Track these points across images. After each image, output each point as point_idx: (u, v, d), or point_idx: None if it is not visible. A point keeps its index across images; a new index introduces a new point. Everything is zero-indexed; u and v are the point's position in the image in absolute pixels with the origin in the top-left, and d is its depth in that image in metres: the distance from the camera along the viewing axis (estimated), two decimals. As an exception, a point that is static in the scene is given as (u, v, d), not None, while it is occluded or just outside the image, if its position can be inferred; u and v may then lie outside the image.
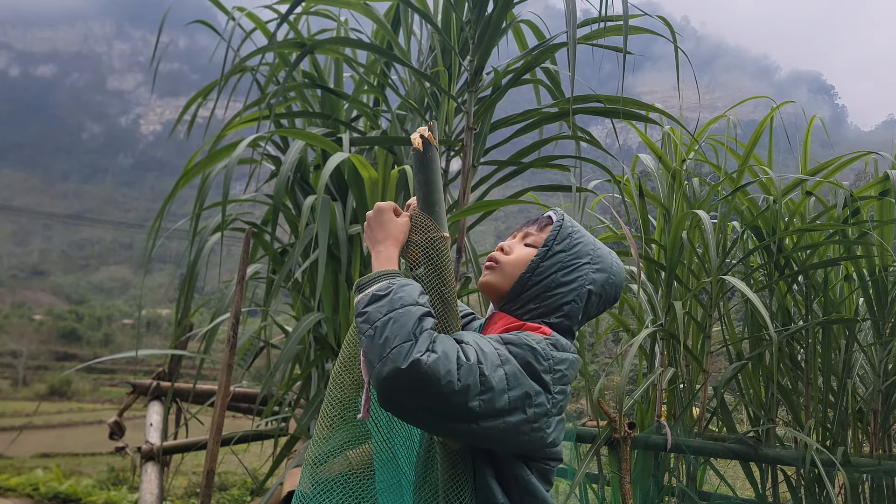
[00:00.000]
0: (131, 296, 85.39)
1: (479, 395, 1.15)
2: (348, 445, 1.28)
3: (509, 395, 1.18)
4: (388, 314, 1.17)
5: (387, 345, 1.13)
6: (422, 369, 1.10)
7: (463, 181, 2.50)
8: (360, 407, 1.25)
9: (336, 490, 1.24)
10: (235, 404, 3.84)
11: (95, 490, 10.54)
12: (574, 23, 2.05)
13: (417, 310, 1.18)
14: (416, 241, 1.32)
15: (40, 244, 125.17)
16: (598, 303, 1.43)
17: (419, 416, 1.17)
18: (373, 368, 1.14)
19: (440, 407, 1.13)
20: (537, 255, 1.40)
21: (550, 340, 1.29)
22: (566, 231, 1.43)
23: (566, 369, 1.29)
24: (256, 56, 2.69)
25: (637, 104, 2.64)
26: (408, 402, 1.14)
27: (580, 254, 1.41)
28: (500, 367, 1.19)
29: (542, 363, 1.24)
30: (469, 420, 1.15)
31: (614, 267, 1.45)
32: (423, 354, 1.12)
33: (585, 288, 1.39)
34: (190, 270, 2.81)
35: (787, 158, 4.23)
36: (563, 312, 1.37)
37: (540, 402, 1.23)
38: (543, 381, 1.24)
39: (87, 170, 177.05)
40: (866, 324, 3.30)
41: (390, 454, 1.30)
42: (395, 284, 1.22)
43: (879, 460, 2.92)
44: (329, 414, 1.28)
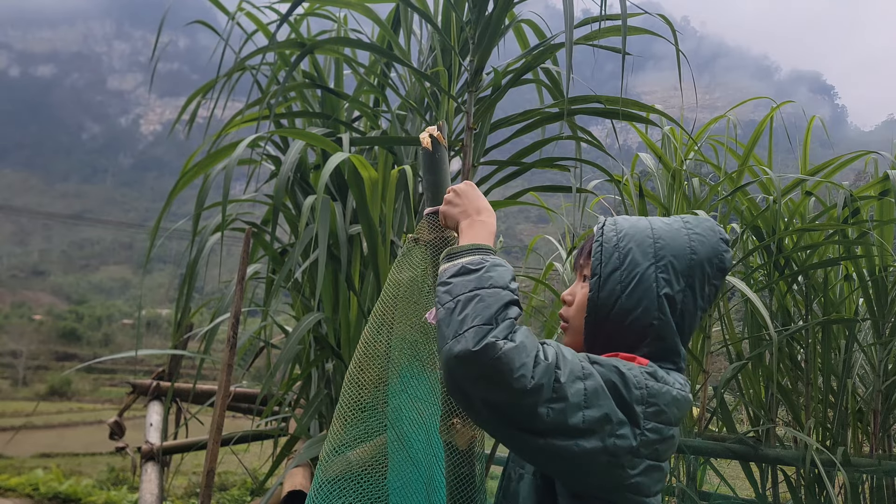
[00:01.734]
0: (131, 296, 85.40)
1: (549, 401, 1.01)
2: (364, 444, 1.26)
3: (584, 414, 1.03)
4: (474, 290, 1.07)
5: (465, 322, 1.03)
6: (495, 355, 0.99)
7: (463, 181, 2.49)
8: (375, 408, 1.24)
9: (348, 489, 1.22)
10: (235, 404, 3.84)
11: (95, 490, 10.54)
12: (571, 23, 2.05)
13: (506, 295, 1.07)
14: (430, 240, 1.32)
15: (40, 244, 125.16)
16: (695, 293, 1.19)
17: (482, 413, 1.04)
18: (444, 344, 1.03)
19: (506, 404, 1.01)
20: (591, 291, 1.19)
21: (647, 370, 1.12)
22: (610, 243, 1.21)
23: (665, 405, 1.11)
24: (256, 56, 2.69)
25: (637, 105, 2.64)
26: (473, 391, 1.02)
27: (637, 259, 1.18)
28: (581, 380, 1.05)
29: (632, 391, 1.07)
30: (534, 431, 1.02)
31: (693, 241, 1.20)
32: (499, 340, 1.00)
33: (660, 297, 1.16)
34: (190, 270, 2.80)
35: (786, 158, 4.23)
36: (650, 336, 1.17)
37: (623, 434, 1.06)
38: (632, 411, 1.07)
39: (87, 170, 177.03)
40: (866, 324, 3.30)
41: (405, 454, 1.27)
42: (489, 262, 1.12)
43: (879, 460, 2.92)
44: (344, 414, 1.24)
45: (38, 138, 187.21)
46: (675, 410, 1.13)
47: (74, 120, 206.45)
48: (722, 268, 1.21)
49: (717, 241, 1.21)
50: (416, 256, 1.34)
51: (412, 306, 1.32)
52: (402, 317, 1.31)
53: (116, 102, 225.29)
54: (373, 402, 1.26)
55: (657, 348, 1.17)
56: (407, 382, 1.30)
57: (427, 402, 1.30)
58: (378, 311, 1.32)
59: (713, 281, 1.20)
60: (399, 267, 1.34)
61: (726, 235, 1.23)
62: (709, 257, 1.19)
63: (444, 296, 1.09)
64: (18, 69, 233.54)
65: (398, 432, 1.27)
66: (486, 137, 2.65)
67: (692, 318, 1.20)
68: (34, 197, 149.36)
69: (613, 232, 1.22)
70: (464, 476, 1.24)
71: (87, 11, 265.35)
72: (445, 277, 1.12)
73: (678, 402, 1.13)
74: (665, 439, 1.11)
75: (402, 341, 1.30)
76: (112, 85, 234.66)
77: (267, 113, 2.69)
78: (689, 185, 3.24)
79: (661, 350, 1.18)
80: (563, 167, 2.83)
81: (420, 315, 1.31)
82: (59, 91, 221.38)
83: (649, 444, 1.08)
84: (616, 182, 3.00)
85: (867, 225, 3.00)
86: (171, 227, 2.99)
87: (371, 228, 2.44)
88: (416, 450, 1.28)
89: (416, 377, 1.31)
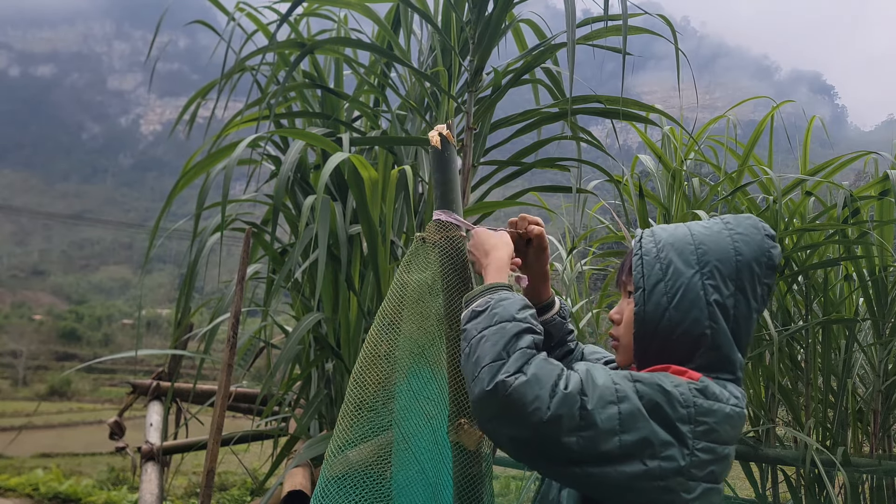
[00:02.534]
0: (131, 296, 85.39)
1: (576, 430, 0.99)
2: (368, 442, 1.27)
3: (621, 439, 1.00)
4: (482, 331, 1.09)
5: (478, 364, 1.05)
6: (506, 391, 1.00)
7: (463, 181, 2.49)
8: (380, 408, 1.24)
9: (353, 488, 1.22)
10: (235, 404, 3.83)
11: (95, 490, 10.54)
12: (573, 23, 2.05)
13: (513, 326, 1.07)
14: (436, 240, 1.31)
15: (40, 244, 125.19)
16: (747, 296, 1.13)
17: (515, 449, 1.04)
18: (468, 388, 1.07)
19: (529, 438, 1.00)
20: (637, 305, 1.16)
21: (697, 386, 1.07)
22: (651, 255, 1.17)
23: (716, 423, 1.06)
24: (256, 56, 2.69)
25: (637, 105, 2.64)
26: (498, 430, 1.03)
27: (680, 269, 1.13)
28: (615, 404, 1.02)
29: (677, 410, 1.03)
30: (570, 461, 1.00)
31: (737, 242, 1.15)
32: (510, 376, 1.01)
33: (710, 304, 1.12)
34: (190, 270, 2.80)
35: (786, 158, 4.23)
36: (703, 346, 1.12)
37: (669, 456, 1.02)
38: (677, 431, 1.03)
39: (87, 170, 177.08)
40: (866, 324, 3.30)
41: (410, 454, 1.27)
42: (494, 300, 1.13)
43: (879, 460, 2.92)
44: (350, 414, 1.25)
45: (38, 138, 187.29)
46: (727, 428, 1.08)
47: (74, 120, 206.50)
48: (771, 265, 1.16)
49: (763, 238, 1.16)
50: (423, 256, 1.34)
51: (419, 306, 1.31)
52: (409, 317, 1.31)
53: (116, 102, 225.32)
54: (378, 402, 1.26)
55: (712, 358, 1.13)
56: (414, 382, 1.30)
57: (434, 402, 1.30)
58: (384, 311, 1.32)
59: (764, 280, 1.15)
60: (406, 267, 1.34)
61: (771, 231, 1.19)
62: (756, 256, 1.14)
63: (462, 343, 1.13)
64: (18, 69, 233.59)
65: (404, 432, 1.27)
66: (486, 137, 2.65)
67: (747, 322, 1.14)
68: (34, 197, 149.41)
69: (652, 243, 1.18)
70: (472, 476, 1.23)
71: (87, 11, 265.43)
72: (462, 325, 1.15)
73: (731, 419, 1.09)
74: (720, 459, 1.06)
75: (409, 342, 1.30)
76: (112, 85, 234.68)
77: (267, 113, 2.69)
78: (689, 185, 3.23)
79: (717, 360, 1.13)
80: (563, 167, 2.83)
81: (427, 315, 1.31)
82: (59, 91, 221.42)
83: (702, 465, 1.04)
84: (616, 182, 3.00)
85: (867, 225, 3.00)
86: (171, 227, 3.00)
87: (371, 228, 2.43)
88: (421, 449, 1.28)
89: (423, 377, 1.31)
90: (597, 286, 4.42)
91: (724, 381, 1.13)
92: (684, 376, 1.09)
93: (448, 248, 1.30)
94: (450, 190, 1.34)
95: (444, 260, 1.29)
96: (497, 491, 1.38)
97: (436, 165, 1.34)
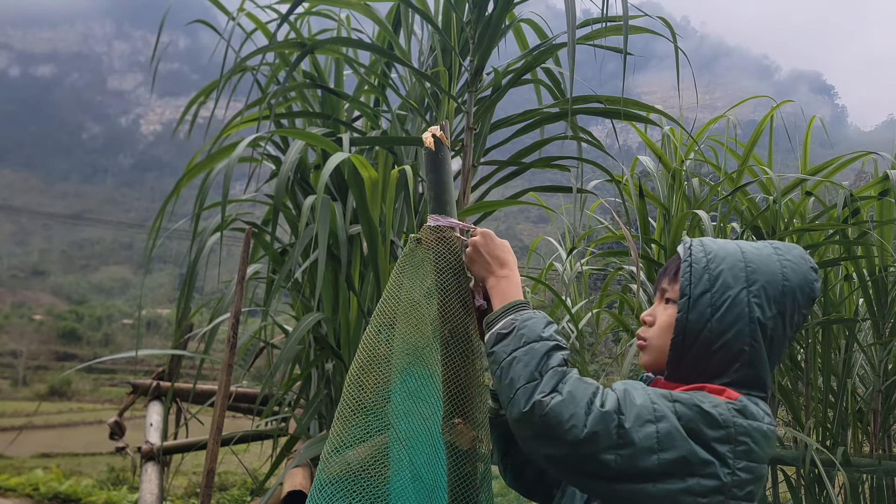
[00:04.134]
0: (131, 296, 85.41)
1: (614, 448, 1.02)
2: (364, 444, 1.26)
3: (659, 457, 1.02)
4: (512, 353, 1.10)
5: (512, 386, 1.07)
6: (543, 411, 1.02)
7: (463, 181, 2.50)
8: (376, 409, 1.24)
9: (349, 490, 1.22)
10: (235, 404, 3.83)
11: (95, 490, 10.55)
12: (573, 24, 2.05)
13: (542, 346, 1.10)
14: (431, 242, 1.31)
15: (40, 244, 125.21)
16: (785, 321, 1.16)
17: (555, 467, 1.07)
18: (505, 411, 1.09)
19: (567, 456, 1.03)
20: (680, 311, 1.17)
21: (736, 406, 1.09)
22: (700, 264, 1.18)
23: (754, 442, 1.07)
24: (257, 56, 2.69)
25: (637, 105, 2.64)
26: (538, 449, 1.06)
27: (728, 282, 1.15)
28: (653, 423, 1.03)
29: (716, 430, 1.05)
30: (608, 478, 1.03)
31: (785, 267, 1.17)
32: (546, 396, 1.03)
33: (753, 321, 1.13)
34: (190, 270, 2.80)
35: (786, 158, 4.23)
36: (740, 362, 1.14)
37: (711, 473, 1.03)
38: (716, 451, 1.05)
39: (87, 170, 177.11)
40: (866, 324, 3.31)
41: (406, 455, 1.27)
42: (518, 320, 1.15)
43: (879, 460, 2.92)
44: (345, 415, 1.25)
45: (38, 138, 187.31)
46: (765, 446, 1.10)
47: (74, 120, 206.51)
48: (812, 297, 1.19)
49: (808, 270, 1.19)
50: (418, 257, 1.34)
51: (414, 308, 1.32)
52: (404, 318, 1.31)
53: (116, 102, 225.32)
54: (374, 404, 1.26)
55: (746, 375, 1.14)
56: (408, 383, 1.30)
57: (429, 403, 1.30)
58: (380, 313, 1.32)
59: (802, 310, 1.18)
60: (401, 268, 1.34)
61: (815, 264, 1.22)
62: (801, 285, 1.17)
63: (492, 366, 1.14)
64: (18, 69, 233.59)
65: (399, 433, 1.27)
66: (486, 137, 2.65)
67: (780, 346, 1.17)
68: (34, 197, 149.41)
69: (703, 253, 1.19)
70: (466, 476, 1.24)
71: (87, 11, 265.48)
72: (488, 348, 1.16)
73: (767, 437, 1.10)
74: (758, 479, 1.08)
75: (405, 343, 1.30)
76: (112, 85, 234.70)
77: (267, 113, 2.69)
78: (689, 185, 3.24)
79: (751, 377, 1.15)
80: (563, 167, 2.83)
81: (422, 316, 1.31)
82: (59, 91, 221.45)
83: (743, 485, 1.06)
84: (616, 182, 3.00)
85: (867, 225, 3.00)
86: (171, 227, 3.00)
87: (371, 228, 2.44)
88: (417, 450, 1.28)
89: (418, 378, 1.31)
90: (596, 286, 4.42)
91: (756, 398, 1.15)
92: (722, 395, 1.10)
93: (443, 249, 1.30)
94: (444, 191, 1.34)
95: (438, 261, 1.30)
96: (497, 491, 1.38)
97: (430, 166, 1.34)
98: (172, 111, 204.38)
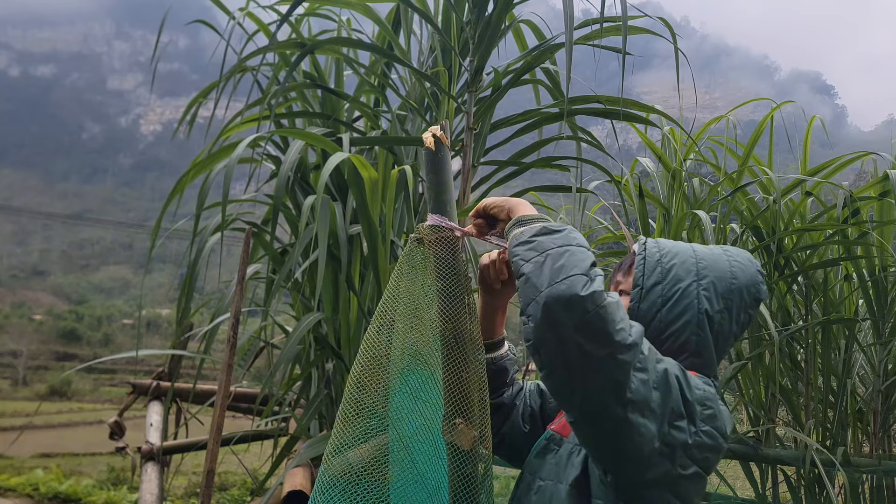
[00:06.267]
0: (131, 296, 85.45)
1: (638, 369, 1.02)
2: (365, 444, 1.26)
3: (655, 395, 1.04)
4: (564, 245, 1.07)
5: (563, 270, 1.02)
6: (602, 303, 0.99)
7: (463, 181, 2.50)
8: (378, 410, 1.24)
9: (350, 490, 1.21)
10: (235, 404, 3.84)
11: (95, 490, 10.55)
12: (571, 24, 2.05)
13: (590, 256, 1.07)
14: (431, 241, 1.31)
15: (40, 244, 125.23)
16: (731, 317, 1.21)
17: (573, 360, 1.01)
18: (543, 288, 1.02)
19: (602, 357, 1.00)
20: (632, 301, 1.23)
21: (700, 378, 1.15)
22: (653, 258, 1.24)
23: (717, 412, 1.12)
24: (257, 56, 2.69)
25: (637, 105, 2.64)
26: (570, 337, 1.00)
27: (679, 275, 1.21)
28: (658, 362, 1.06)
29: (693, 390, 1.09)
30: (622, 400, 1.01)
31: (734, 266, 1.23)
32: (603, 292, 1.01)
33: (701, 313, 1.19)
34: (190, 270, 2.81)
35: (786, 159, 4.23)
36: (688, 351, 1.19)
37: (681, 427, 1.07)
38: (692, 408, 1.08)
39: (87, 170, 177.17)
40: (866, 324, 3.31)
41: (406, 455, 1.27)
42: (569, 228, 1.13)
43: (879, 460, 2.92)
44: (347, 416, 1.25)
45: (38, 138, 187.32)
46: (723, 421, 1.13)
47: (74, 120, 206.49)
48: (758, 298, 1.24)
49: (755, 272, 1.25)
50: (418, 257, 1.34)
51: (414, 307, 1.32)
52: (404, 318, 1.31)
53: (116, 102, 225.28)
54: (375, 404, 1.26)
55: (693, 364, 1.18)
56: (409, 383, 1.30)
57: (430, 403, 1.30)
58: (380, 313, 1.32)
59: (749, 310, 1.23)
60: (401, 267, 1.34)
61: (762, 268, 1.28)
62: (747, 285, 1.23)
63: (528, 252, 1.09)
64: (18, 69, 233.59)
65: (400, 432, 1.27)
66: (486, 137, 2.65)
67: (725, 342, 1.22)
68: (34, 197, 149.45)
69: (656, 249, 1.26)
70: (466, 476, 1.24)
71: (87, 11, 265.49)
72: (528, 237, 1.12)
73: (724, 414, 1.15)
74: (716, 449, 1.11)
75: (405, 343, 1.30)
76: (112, 85, 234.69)
77: (267, 113, 2.69)
78: (689, 185, 3.24)
79: (699, 366, 1.19)
80: (563, 167, 2.83)
81: (422, 316, 1.31)
82: (59, 91, 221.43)
83: (703, 448, 1.09)
84: (616, 182, 3.00)
85: (867, 225, 3.00)
86: (171, 227, 3.00)
87: (371, 228, 2.44)
88: (418, 450, 1.28)
89: (418, 378, 1.31)
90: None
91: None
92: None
93: (442, 249, 1.30)
94: (443, 191, 1.34)
95: (438, 261, 1.30)
96: (497, 491, 1.39)
97: (430, 167, 1.34)
98: (172, 111, 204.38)
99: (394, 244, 2.62)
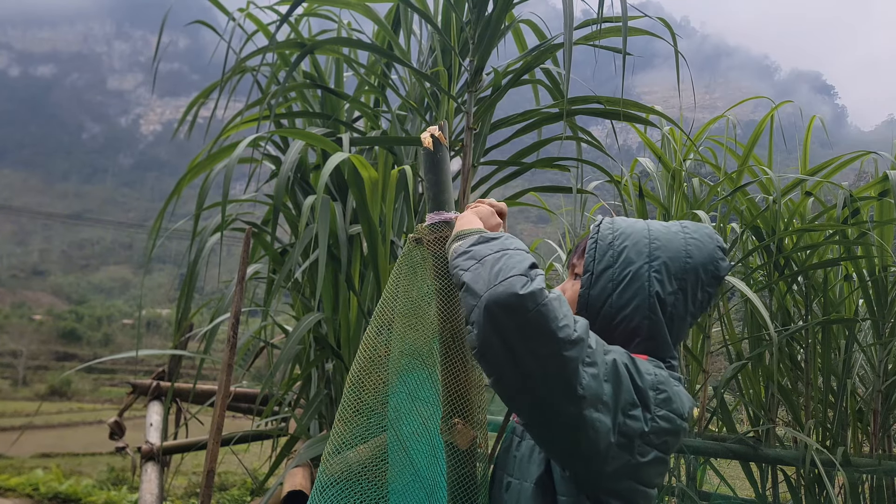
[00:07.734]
0: (131, 296, 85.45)
1: (586, 364, 1.00)
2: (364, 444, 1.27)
3: (605, 387, 1.02)
4: (501, 250, 1.07)
5: (501, 273, 1.02)
6: (542, 301, 0.97)
7: (463, 181, 2.50)
8: (377, 410, 1.24)
9: (349, 490, 1.22)
10: (235, 404, 3.84)
11: (95, 490, 10.53)
12: (570, 25, 2.05)
13: (529, 258, 1.07)
14: (429, 242, 1.31)
15: (40, 244, 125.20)
16: (686, 297, 1.18)
17: (526, 366, 0.99)
18: (483, 293, 1.01)
19: (551, 355, 0.98)
20: (583, 287, 1.20)
21: (652, 362, 1.14)
22: (605, 241, 1.21)
23: (673, 394, 1.11)
24: (257, 56, 2.69)
25: (637, 106, 2.64)
26: (517, 342, 0.99)
27: (630, 258, 1.18)
28: (605, 353, 1.05)
29: (643, 376, 1.08)
30: (572, 397, 0.99)
31: (690, 245, 1.19)
32: (543, 290, 1.00)
33: (652, 296, 1.15)
34: (190, 270, 2.81)
35: (786, 158, 4.23)
36: (641, 336, 1.17)
37: (635, 416, 1.05)
38: (644, 395, 1.07)
39: (87, 170, 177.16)
40: (866, 324, 3.31)
41: (405, 455, 1.27)
42: (504, 235, 1.14)
43: (879, 460, 2.92)
44: (346, 416, 1.25)
45: (38, 138, 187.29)
46: (679, 403, 1.12)
47: (74, 120, 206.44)
48: (717, 275, 1.21)
49: (714, 248, 1.21)
50: (416, 257, 1.34)
51: (413, 308, 1.32)
52: (403, 318, 1.31)
53: (116, 102, 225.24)
54: (374, 404, 1.26)
55: (647, 349, 1.17)
56: (408, 384, 1.30)
57: (428, 403, 1.30)
58: (380, 313, 1.32)
59: (707, 288, 1.20)
60: (400, 267, 1.34)
61: (724, 244, 1.25)
62: (704, 263, 1.19)
63: (467, 261, 1.09)
64: (18, 69, 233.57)
65: (398, 433, 1.27)
66: (486, 137, 2.65)
67: (681, 322, 1.19)
68: (34, 197, 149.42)
69: (610, 231, 1.23)
70: (465, 476, 1.24)
71: (87, 11, 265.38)
72: (464, 248, 1.13)
73: (680, 395, 1.13)
74: (675, 431, 1.10)
75: (404, 343, 1.30)
76: (112, 85, 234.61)
77: (267, 113, 2.69)
78: (688, 185, 3.23)
79: (653, 350, 1.17)
80: (563, 167, 2.83)
81: (421, 316, 1.31)
82: (59, 91, 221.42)
83: (660, 433, 1.08)
84: (616, 182, 3.00)
85: (867, 225, 3.00)
86: (171, 227, 3.00)
87: (371, 228, 2.44)
88: (416, 450, 1.28)
89: (417, 378, 1.31)
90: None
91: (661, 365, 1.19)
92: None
93: (441, 249, 1.30)
94: (442, 191, 1.34)
95: (437, 261, 1.30)
96: (497, 491, 1.40)
97: (428, 167, 1.34)
98: (172, 111, 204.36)
99: (394, 244, 2.62)
